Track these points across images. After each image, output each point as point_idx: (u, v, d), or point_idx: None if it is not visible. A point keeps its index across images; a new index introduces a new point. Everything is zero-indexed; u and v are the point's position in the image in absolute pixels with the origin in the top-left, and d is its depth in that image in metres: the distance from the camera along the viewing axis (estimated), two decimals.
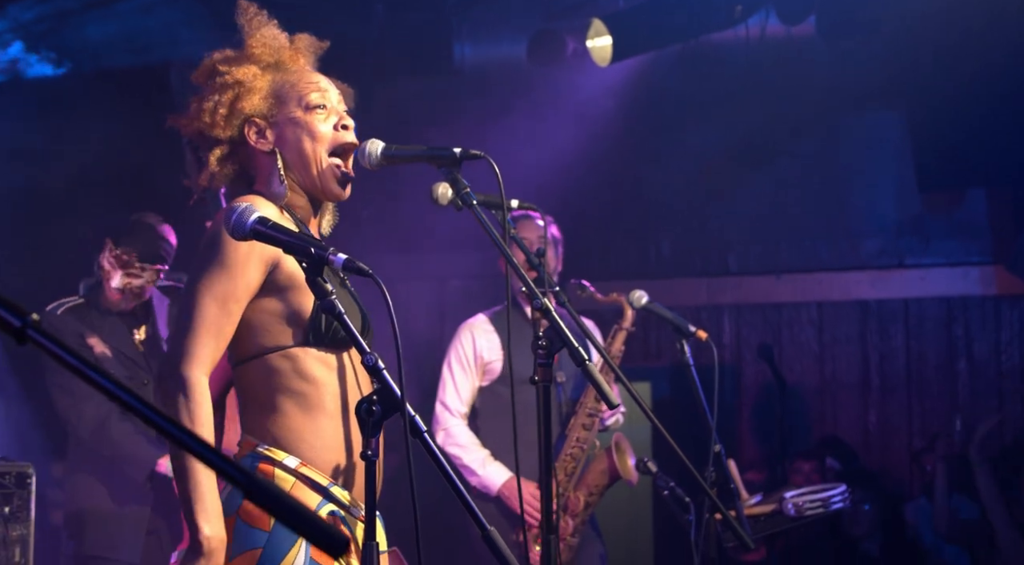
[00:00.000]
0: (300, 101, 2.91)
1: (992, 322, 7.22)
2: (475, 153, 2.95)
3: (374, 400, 2.41)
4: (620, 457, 5.25)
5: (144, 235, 4.83)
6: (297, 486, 2.72)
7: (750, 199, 7.64)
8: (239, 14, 2.97)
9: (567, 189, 6.73)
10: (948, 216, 7.35)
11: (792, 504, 4.79)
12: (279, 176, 2.88)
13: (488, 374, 5.32)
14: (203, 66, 2.99)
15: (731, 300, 7.76)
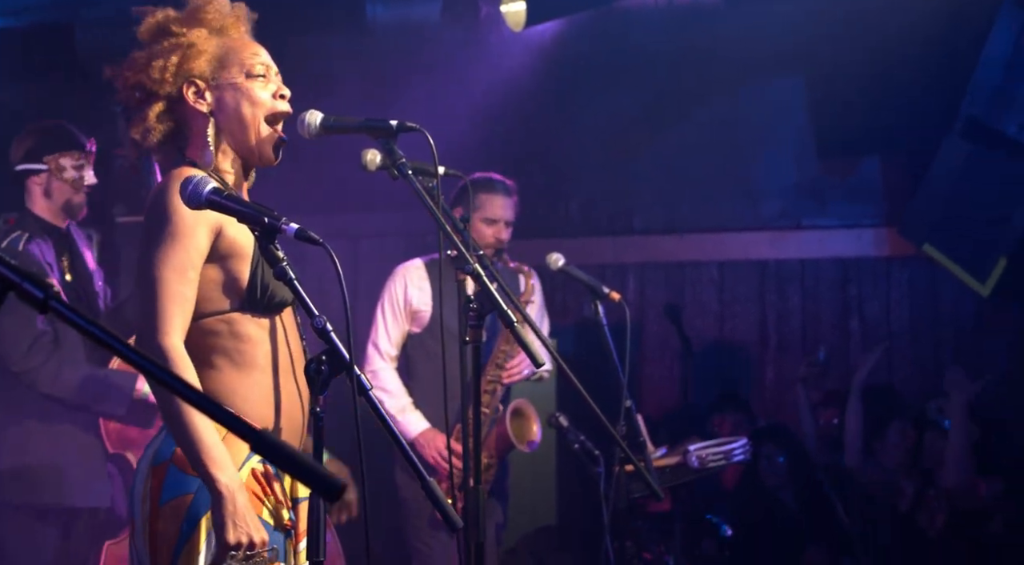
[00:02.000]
0: (243, 68, 3.03)
1: (883, 282, 7.54)
2: (411, 125, 3.10)
3: (323, 360, 2.56)
4: (518, 423, 5.36)
5: (61, 132, 4.90)
6: (228, 437, 2.83)
7: (656, 161, 7.84)
8: None
9: (478, 149, 6.86)
10: (844, 180, 7.63)
11: (696, 456, 5.04)
12: (208, 142, 2.99)
13: (417, 321, 5.38)
14: (151, 22, 3.09)
15: (635, 259, 7.97)
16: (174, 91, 3.02)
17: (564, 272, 4.86)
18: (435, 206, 3.18)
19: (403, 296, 5.36)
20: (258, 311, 2.92)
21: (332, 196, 7.31)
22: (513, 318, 3.11)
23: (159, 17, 3.07)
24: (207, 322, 2.91)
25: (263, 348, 2.92)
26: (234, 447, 2.84)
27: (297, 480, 1.46)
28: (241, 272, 2.89)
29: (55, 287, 1.46)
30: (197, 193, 2.59)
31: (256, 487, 2.85)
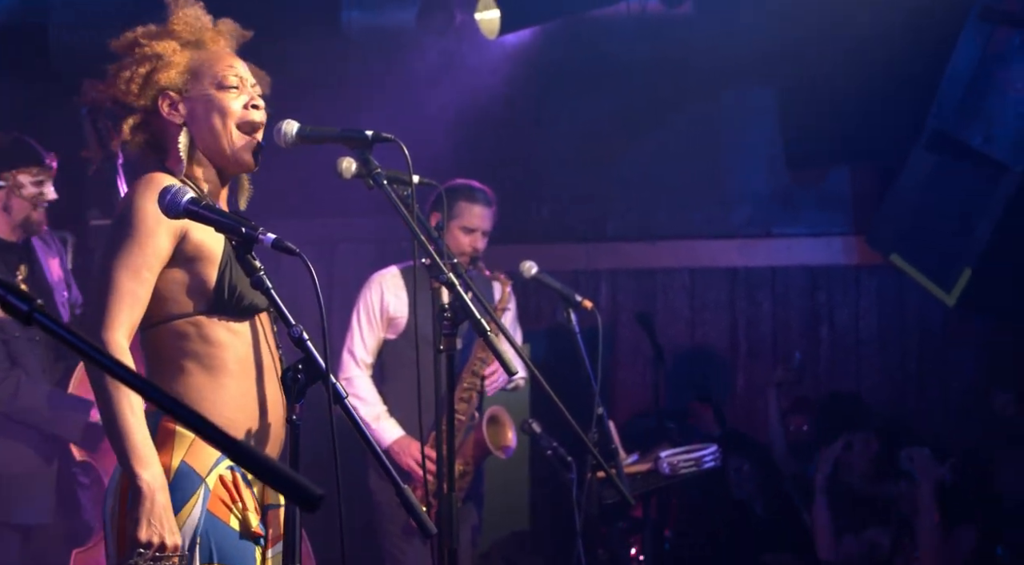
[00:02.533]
0: (215, 79, 3.07)
1: (852, 290, 7.62)
2: (386, 136, 3.15)
3: (299, 368, 2.61)
4: (493, 430, 5.41)
5: (20, 147, 4.88)
6: (197, 442, 2.88)
7: (628, 168, 7.91)
8: None
9: (451, 155, 6.89)
10: (814, 189, 7.71)
11: (667, 463, 5.10)
12: (180, 152, 3.03)
13: (393, 328, 5.39)
14: (125, 37, 3.14)
15: (608, 265, 8.02)
16: (148, 103, 3.06)
17: (537, 280, 4.91)
18: (410, 215, 3.22)
19: (379, 303, 5.38)
20: (227, 314, 2.95)
21: (307, 202, 7.33)
22: (487, 327, 3.16)
23: (137, 31, 3.12)
24: (176, 324, 2.94)
25: (233, 352, 2.95)
26: (203, 452, 2.87)
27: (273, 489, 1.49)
28: (208, 275, 2.93)
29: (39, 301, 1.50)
30: (175, 203, 2.64)
31: (224, 494, 2.87)
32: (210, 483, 2.86)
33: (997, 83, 5.17)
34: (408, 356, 5.16)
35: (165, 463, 2.85)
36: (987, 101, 5.20)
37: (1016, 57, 5.10)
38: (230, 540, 2.85)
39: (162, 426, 2.89)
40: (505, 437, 5.38)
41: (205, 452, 2.88)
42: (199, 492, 2.84)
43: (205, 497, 2.85)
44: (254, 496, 2.94)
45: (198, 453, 2.87)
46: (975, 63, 5.28)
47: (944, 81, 5.39)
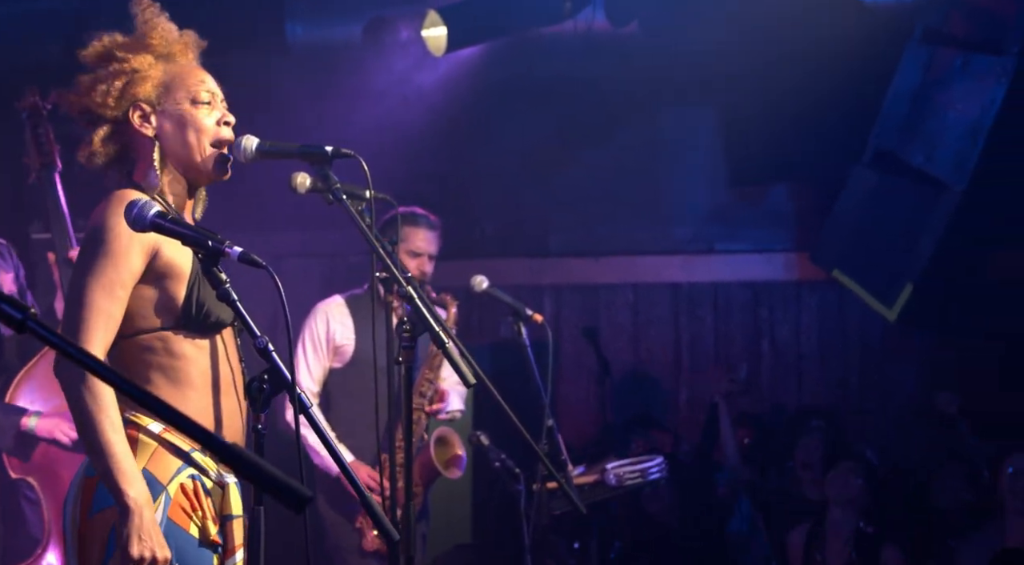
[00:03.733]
0: (188, 94, 3.09)
1: (793, 306, 7.73)
2: (346, 152, 3.18)
3: (264, 379, 2.63)
4: (441, 450, 5.46)
5: None
6: (159, 450, 2.90)
7: (572, 185, 7.97)
8: (134, 4, 3.13)
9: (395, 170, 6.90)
10: (755, 206, 7.82)
11: (614, 474, 5.16)
12: (154, 166, 3.05)
13: (339, 356, 5.42)
14: (96, 47, 3.14)
15: (551, 281, 8.08)
16: (119, 115, 3.07)
17: (488, 294, 4.96)
18: (368, 229, 3.25)
19: (325, 332, 5.41)
20: (194, 330, 2.97)
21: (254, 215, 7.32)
22: (444, 339, 3.20)
23: (105, 42, 3.12)
24: (142, 339, 2.95)
25: (198, 366, 2.97)
26: (164, 461, 2.89)
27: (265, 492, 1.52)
28: (177, 292, 2.95)
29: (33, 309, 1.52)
30: (142, 217, 2.65)
31: (184, 502, 2.90)
32: (171, 491, 2.88)
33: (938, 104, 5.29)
34: (354, 384, 5.23)
35: None
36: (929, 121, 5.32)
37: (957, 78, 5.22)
38: (190, 547, 2.87)
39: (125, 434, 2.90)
40: (455, 457, 5.42)
41: (167, 460, 2.90)
42: (160, 499, 2.87)
43: (166, 504, 2.87)
44: (212, 506, 2.96)
45: (160, 461, 2.89)
46: (917, 84, 5.40)
47: (886, 101, 5.51)
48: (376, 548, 5.27)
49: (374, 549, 5.28)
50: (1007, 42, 5.12)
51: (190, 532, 2.89)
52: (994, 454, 6.07)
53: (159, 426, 2.91)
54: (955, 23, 5.35)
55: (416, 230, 5.39)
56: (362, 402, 5.17)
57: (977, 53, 5.19)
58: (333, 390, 5.44)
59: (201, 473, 2.95)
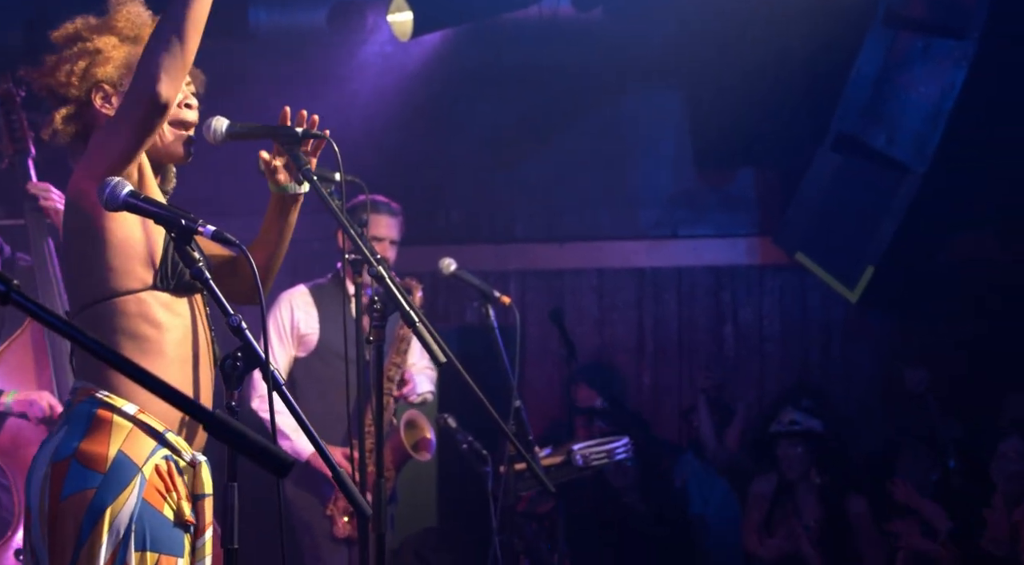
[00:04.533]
0: None
1: (756, 290, 7.80)
2: (317, 133, 3.19)
3: (238, 356, 2.65)
4: (411, 433, 5.49)
5: None
6: (134, 432, 2.89)
7: (537, 170, 8.01)
8: None
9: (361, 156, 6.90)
10: (719, 191, 7.89)
11: (580, 455, 5.20)
12: None
13: (304, 346, 5.45)
14: (66, 28, 3.14)
15: (517, 266, 8.12)
16: (82, 95, 3.07)
17: (456, 276, 4.99)
18: (339, 211, 3.27)
19: (290, 321, 5.43)
20: (169, 289, 2.97)
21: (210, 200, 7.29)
22: (415, 318, 3.22)
23: (77, 23, 3.13)
24: (117, 301, 2.94)
25: (173, 335, 2.97)
26: (139, 442, 2.89)
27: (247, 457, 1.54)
28: (158, 245, 2.94)
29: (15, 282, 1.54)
30: (115, 195, 2.66)
31: (159, 484, 2.89)
32: (146, 472, 2.88)
33: (900, 87, 5.36)
34: (319, 372, 5.27)
35: (102, 452, 2.85)
36: (890, 104, 5.38)
37: (919, 61, 5.29)
38: (164, 528, 2.87)
39: (99, 416, 2.90)
40: (424, 440, 5.46)
41: (142, 442, 2.90)
42: (135, 481, 2.86)
43: (141, 486, 2.86)
44: (186, 485, 2.97)
45: (135, 443, 2.89)
46: (879, 67, 5.46)
47: (848, 84, 5.57)
48: (347, 534, 5.29)
49: (345, 535, 5.30)
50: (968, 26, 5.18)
51: (164, 513, 2.89)
52: (960, 435, 6.16)
53: (133, 407, 2.91)
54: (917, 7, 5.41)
55: (377, 216, 5.43)
56: (326, 390, 5.22)
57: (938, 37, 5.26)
58: (298, 379, 5.45)
59: (174, 453, 2.96)
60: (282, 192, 3.21)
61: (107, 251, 2.93)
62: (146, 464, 2.89)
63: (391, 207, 5.53)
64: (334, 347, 5.15)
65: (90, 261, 2.94)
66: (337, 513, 5.31)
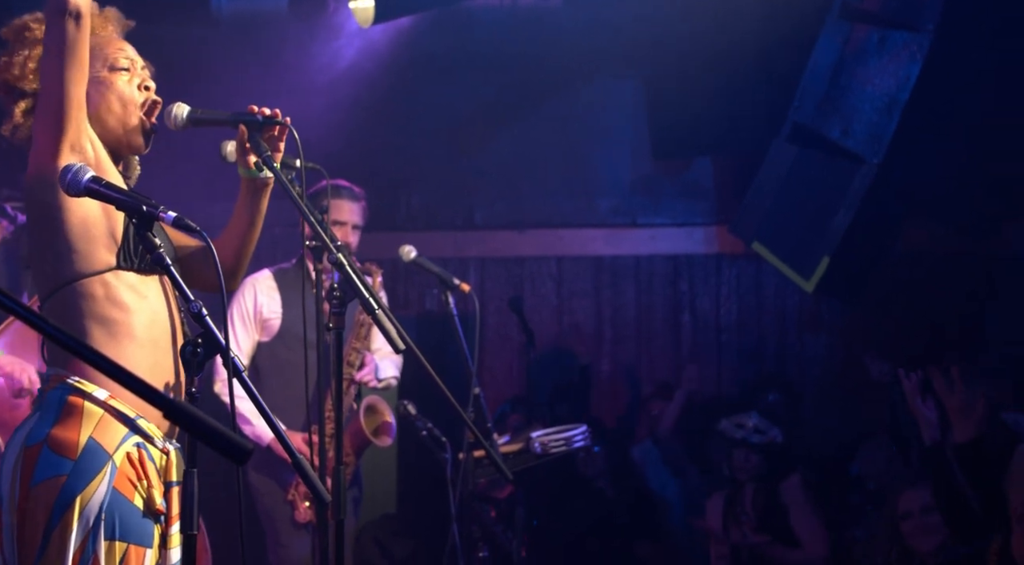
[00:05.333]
0: (106, 62, 3.12)
1: (713, 278, 7.87)
2: (277, 120, 3.20)
3: (199, 343, 2.66)
4: (371, 419, 5.51)
5: None
6: (105, 418, 2.90)
7: (497, 157, 8.04)
8: None
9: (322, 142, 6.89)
10: (677, 180, 7.95)
11: (539, 443, 5.23)
12: None
13: (267, 330, 5.46)
14: (14, 23, 3.15)
15: (476, 253, 8.15)
16: (36, 87, 3.08)
17: (416, 263, 5.02)
18: (299, 198, 3.29)
19: (253, 306, 5.43)
20: (134, 267, 2.98)
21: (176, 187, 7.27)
22: (374, 306, 3.25)
23: (24, 18, 3.13)
24: (83, 284, 2.95)
25: (141, 317, 2.98)
26: (111, 429, 2.90)
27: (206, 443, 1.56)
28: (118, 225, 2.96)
29: None
30: (76, 181, 2.67)
31: (130, 472, 2.90)
32: (117, 460, 2.88)
33: (856, 79, 5.40)
34: (283, 357, 5.28)
35: (72, 439, 2.86)
36: (846, 96, 5.43)
37: (874, 54, 5.33)
38: (134, 517, 2.88)
39: (70, 402, 2.90)
40: (385, 426, 5.47)
41: (113, 429, 2.90)
42: (106, 469, 2.86)
43: (112, 474, 2.87)
44: (158, 473, 2.98)
45: (106, 430, 2.89)
46: (835, 59, 5.51)
47: (805, 76, 5.62)
48: (308, 519, 5.31)
49: (306, 520, 5.32)
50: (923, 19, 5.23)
51: (134, 502, 2.89)
52: None
53: (104, 393, 2.91)
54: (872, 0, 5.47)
55: (339, 201, 5.44)
56: (289, 375, 5.23)
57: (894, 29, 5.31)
58: (260, 364, 5.46)
59: (146, 440, 2.96)
60: (252, 176, 3.23)
61: (68, 234, 2.94)
62: (117, 451, 2.89)
63: (353, 192, 5.55)
64: (296, 331, 5.16)
65: (53, 245, 2.95)
66: (298, 498, 5.33)
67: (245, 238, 3.28)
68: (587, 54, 7.35)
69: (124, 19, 3.28)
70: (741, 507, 6.21)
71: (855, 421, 6.99)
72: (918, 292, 6.85)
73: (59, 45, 2.87)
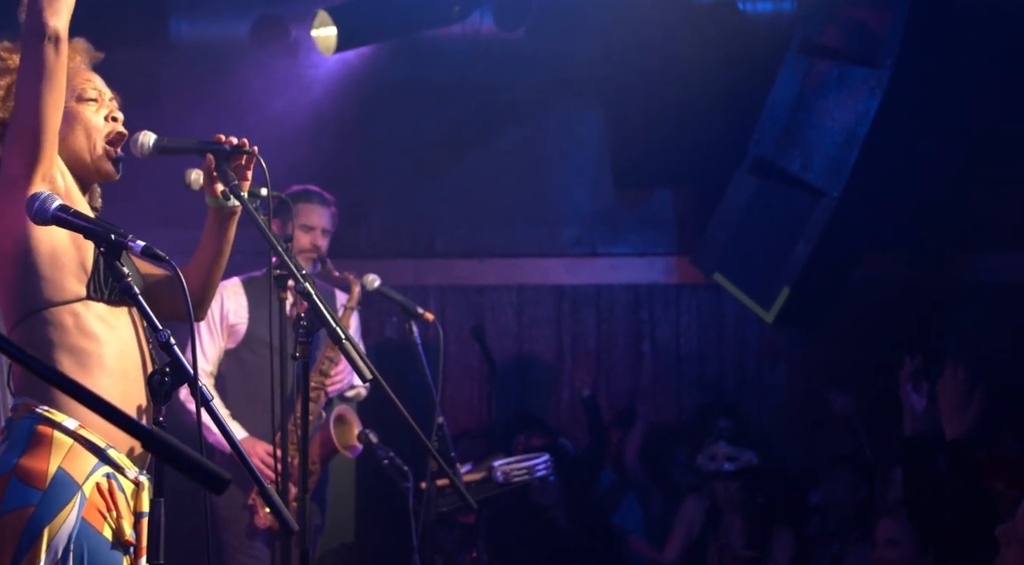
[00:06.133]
0: (74, 92, 3.12)
1: (673, 308, 7.91)
2: (245, 149, 3.21)
3: (166, 372, 2.66)
4: (341, 429, 5.50)
5: None
6: (75, 448, 2.88)
7: (457, 186, 8.05)
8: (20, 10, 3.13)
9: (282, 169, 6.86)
10: (638, 210, 7.99)
11: (501, 471, 5.23)
12: None
13: (233, 336, 5.44)
14: None
15: (436, 282, 8.14)
16: (6, 115, 3.07)
17: (380, 293, 5.03)
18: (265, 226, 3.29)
19: (219, 312, 5.42)
20: (104, 298, 2.97)
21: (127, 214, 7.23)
22: (341, 335, 3.25)
23: None
24: (53, 313, 2.94)
25: (110, 347, 2.97)
26: (80, 459, 2.88)
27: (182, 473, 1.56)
28: (87, 256, 2.95)
29: None
30: (44, 209, 2.66)
31: (100, 502, 2.88)
32: (86, 490, 2.86)
33: (815, 113, 5.48)
34: (249, 363, 5.26)
35: (41, 469, 2.84)
36: (806, 130, 5.50)
37: (834, 89, 5.42)
38: (102, 549, 2.86)
39: (39, 431, 2.89)
40: (352, 437, 5.46)
41: (83, 459, 2.89)
42: (75, 499, 2.85)
43: (81, 504, 2.85)
44: (128, 503, 2.96)
45: (76, 460, 2.87)
46: (795, 93, 5.58)
47: (765, 109, 5.69)
48: (268, 525, 5.27)
49: (266, 525, 5.28)
50: (881, 55, 5.32)
51: (103, 533, 2.87)
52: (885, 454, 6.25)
53: (74, 423, 2.89)
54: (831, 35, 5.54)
55: (308, 205, 5.48)
56: (255, 382, 5.20)
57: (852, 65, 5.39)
58: (226, 371, 5.44)
59: (117, 471, 2.94)
60: (219, 205, 3.22)
61: (37, 262, 2.93)
62: (87, 482, 2.87)
63: (323, 196, 5.61)
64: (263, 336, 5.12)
65: (21, 274, 2.94)
66: (259, 503, 5.29)
67: (212, 266, 3.27)
68: (548, 84, 7.39)
69: (93, 50, 3.28)
70: (723, 530, 6.25)
71: (815, 451, 7.02)
72: (877, 321, 6.93)
73: (38, 70, 2.86)
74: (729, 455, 6.18)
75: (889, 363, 5.24)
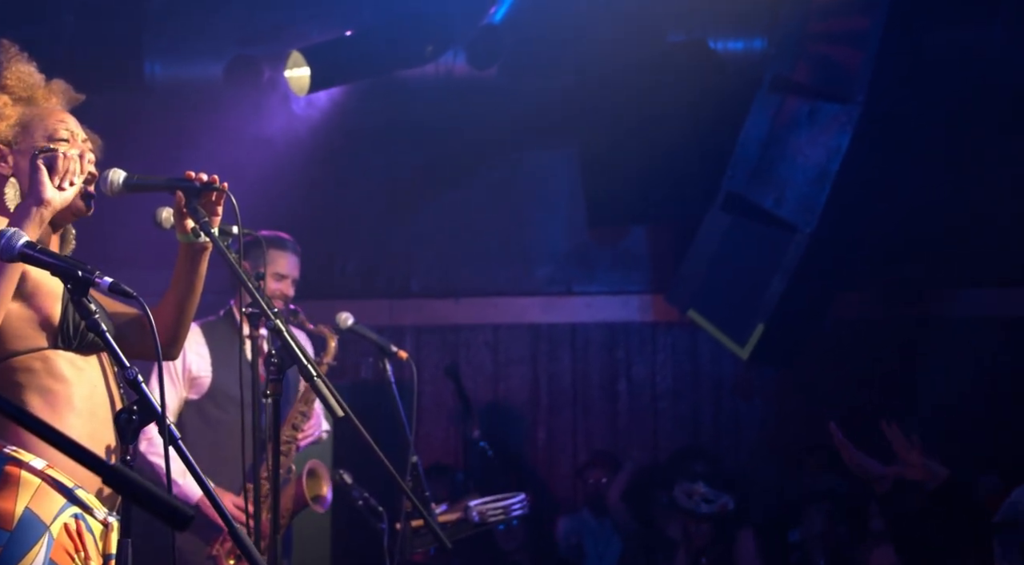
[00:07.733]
0: (46, 132, 3.10)
1: (649, 346, 7.91)
2: (215, 186, 3.19)
3: (134, 410, 2.63)
4: (311, 483, 5.43)
5: None
6: (43, 488, 2.85)
7: (433, 226, 8.06)
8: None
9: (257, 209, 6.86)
10: (613, 249, 8.01)
11: (476, 512, 5.20)
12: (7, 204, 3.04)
13: (196, 388, 5.33)
14: None
15: (412, 321, 8.13)
16: None
17: (353, 331, 4.99)
18: (236, 264, 3.27)
19: (182, 363, 5.28)
20: (72, 348, 2.95)
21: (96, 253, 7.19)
22: (312, 372, 3.22)
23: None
24: (22, 360, 2.92)
25: (79, 389, 2.95)
26: (47, 500, 2.85)
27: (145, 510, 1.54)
28: (52, 309, 2.93)
29: None
30: (10, 246, 2.64)
31: (68, 544, 2.85)
32: (54, 531, 2.83)
33: (787, 149, 5.51)
34: (212, 416, 5.18)
35: (8, 509, 2.80)
36: (778, 166, 5.53)
37: (805, 125, 5.44)
38: None
39: (6, 471, 2.85)
40: (321, 490, 5.40)
41: (50, 499, 2.85)
42: (43, 540, 2.81)
43: (48, 545, 2.81)
44: (96, 545, 2.92)
45: (43, 500, 2.84)
46: (766, 130, 5.61)
47: (737, 146, 5.71)
48: None
49: None
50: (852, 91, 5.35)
51: None
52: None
53: (42, 462, 2.87)
54: (802, 72, 5.58)
55: (283, 254, 5.40)
56: (220, 435, 5.14)
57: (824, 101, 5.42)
58: (188, 422, 5.34)
59: (85, 511, 2.91)
60: (190, 241, 3.20)
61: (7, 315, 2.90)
62: (54, 522, 2.84)
63: (295, 245, 5.54)
64: (229, 391, 5.05)
65: None
66: (222, 554, 5.21)
67: (185, 304, 3.24)
68: (522, 124, 7.41)
69: (72, 92, 3.27)
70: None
71: (793, 487, 7.01)
72: (851, 356, 6.94)
73: None
74: (706, 497, 6.16)
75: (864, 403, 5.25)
